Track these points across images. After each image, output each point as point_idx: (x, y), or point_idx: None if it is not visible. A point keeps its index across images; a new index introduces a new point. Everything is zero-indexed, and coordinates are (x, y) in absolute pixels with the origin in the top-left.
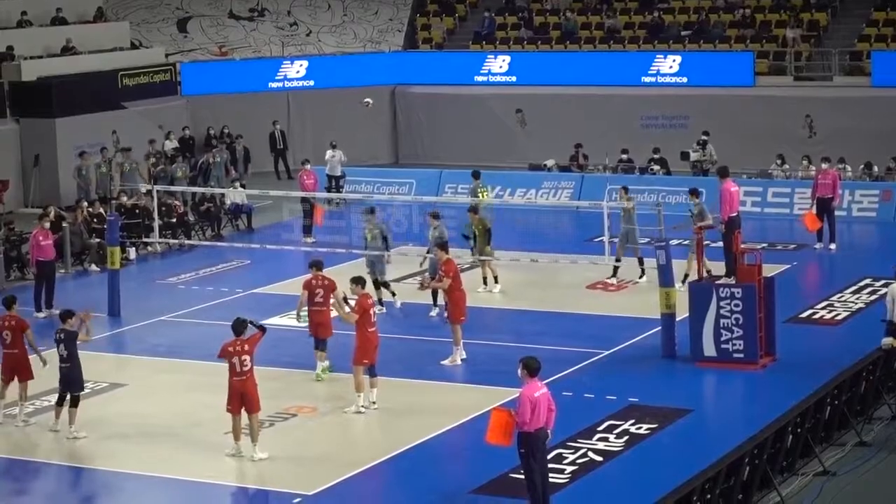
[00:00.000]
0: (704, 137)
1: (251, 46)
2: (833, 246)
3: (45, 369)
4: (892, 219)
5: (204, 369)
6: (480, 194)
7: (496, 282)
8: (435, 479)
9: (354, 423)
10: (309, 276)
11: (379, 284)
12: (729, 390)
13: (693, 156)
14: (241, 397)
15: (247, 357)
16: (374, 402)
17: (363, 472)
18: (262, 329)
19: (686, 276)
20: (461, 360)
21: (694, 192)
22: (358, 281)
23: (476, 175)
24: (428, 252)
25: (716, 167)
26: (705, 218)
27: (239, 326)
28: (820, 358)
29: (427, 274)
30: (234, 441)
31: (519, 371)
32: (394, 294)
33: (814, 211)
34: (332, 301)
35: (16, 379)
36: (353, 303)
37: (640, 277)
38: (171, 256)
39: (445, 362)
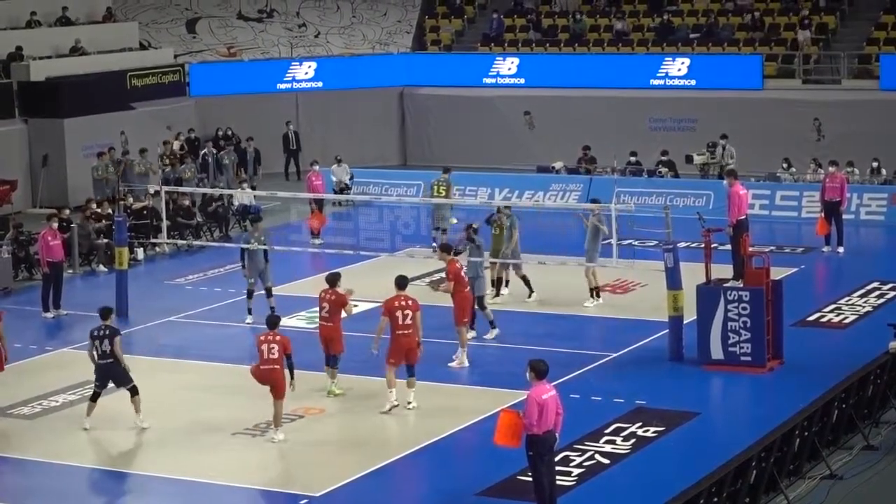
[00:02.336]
0: (722, 141)
1: (260, 47)
2: (841, 249)
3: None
4: None
5: (211, 370)
6: (434, 187)
7: (506, 284)
8: (442, 480)
9: (361, 424)
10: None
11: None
12: (736, 393)
13: (698, 159)
14: (266, 382)
15: (275, 346)
16: (410, 402)
17: (370, 474)
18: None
19: (596, 289)
20: (468, 362)
21: (595, 201)
22: (396, 281)
23: (445, 170)
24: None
25: (726, 169)
26: (601, 229)
27: (274, 321)
28: (827, 361)
29: (441, 275)
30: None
31: (527, 374)
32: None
33: (822, 216)
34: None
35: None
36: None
37: (529, 297)
38: (179, 257)
39: (452, 364)
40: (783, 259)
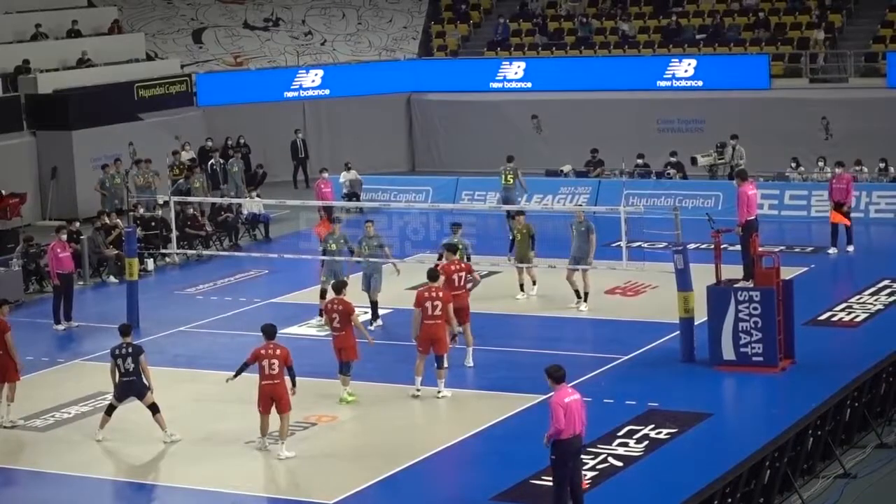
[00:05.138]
0: (732, 141)
1: (266, 56)
2: (851, 248)
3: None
4: None
5: (223, 379)
6: (503, 176)
7: (534, 284)
8: (456, 486)
9: (374, 432)
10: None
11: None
12: (748, 394)
13: (702, 160)
14: (271, 399)
15: (275, 361)
16: (439, 392)
17: (384, 480)
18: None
19: (581, 293)
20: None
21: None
22: (427, 274)
23: (509, 159)
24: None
25: (736, 170)
26: (591, 233)
27: (270, 330)
28: (839, 360)
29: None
30: (261, 435)
31: (547, 382)
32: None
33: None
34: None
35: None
36: None
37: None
38: (189, 267)
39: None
40: (793, 258)
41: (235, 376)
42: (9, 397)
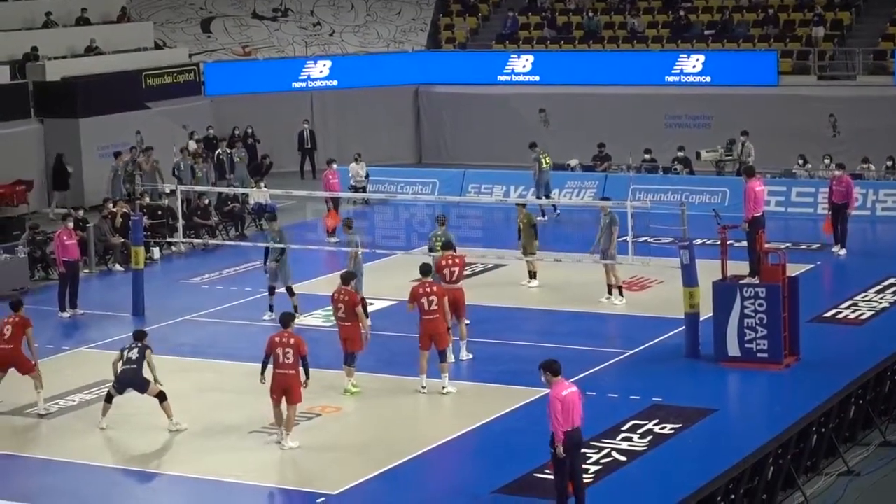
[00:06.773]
0: (742, 138)
1: (275, 46)
2: (843, 251)
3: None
4: None
5: (228, 369)
6: (542, 160)
7: (534, 278)
8: (458, 478)
9: (378, 423)
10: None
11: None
12: (753, 390)
13: (708, 155)
14: (283, 389)
15: (290, 350)
16: (444, 387)
17: (387, 472)
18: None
19: (610, 287)
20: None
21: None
22: (420, 269)
23: (534, 145)
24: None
25: (744, 166)
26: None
27: (286, 319)
28: (844, 357)
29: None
30: (277, 425)
31: (542, 377)
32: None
33: (830, 215)
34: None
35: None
36: None
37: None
38: (195, 256)
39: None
40: (799, 255)
41: (263, 374)
42: (36, 386)
